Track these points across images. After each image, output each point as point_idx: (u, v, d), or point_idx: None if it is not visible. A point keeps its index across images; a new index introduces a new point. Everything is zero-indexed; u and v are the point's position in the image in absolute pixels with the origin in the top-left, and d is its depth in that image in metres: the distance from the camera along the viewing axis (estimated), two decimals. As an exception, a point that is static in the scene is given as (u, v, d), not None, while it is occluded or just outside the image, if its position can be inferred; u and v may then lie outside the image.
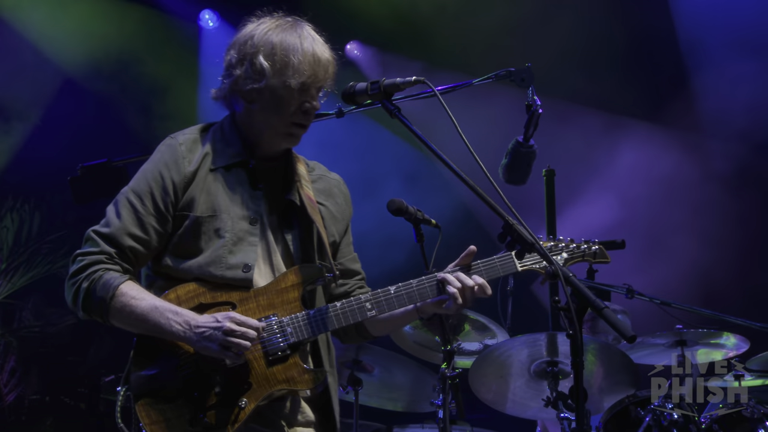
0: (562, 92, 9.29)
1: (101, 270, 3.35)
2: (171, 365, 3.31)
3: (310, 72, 3.41)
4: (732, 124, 9.25)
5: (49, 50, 9.91)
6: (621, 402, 6.02)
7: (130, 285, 3.33)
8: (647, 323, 7.06)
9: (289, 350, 3.35)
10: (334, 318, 3.41)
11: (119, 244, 3.39)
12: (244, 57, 3.50)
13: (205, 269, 3.37)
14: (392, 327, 3.75)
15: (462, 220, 9.45)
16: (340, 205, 3.75)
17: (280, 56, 3.42)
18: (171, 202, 3.42)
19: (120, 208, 3.44)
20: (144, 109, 10.27)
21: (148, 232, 3.40)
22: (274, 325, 3.35)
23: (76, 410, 10.24)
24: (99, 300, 3.31)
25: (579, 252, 3.63)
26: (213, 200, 3.44)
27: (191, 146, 3.52)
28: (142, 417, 3.28)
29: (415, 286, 3.46)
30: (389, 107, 3.39)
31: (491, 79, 4.45)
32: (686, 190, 9.41)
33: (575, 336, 2.95)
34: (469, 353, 6.41)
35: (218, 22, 10.54)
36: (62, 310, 10.36)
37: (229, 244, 3.40)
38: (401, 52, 10.22)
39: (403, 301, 3.45)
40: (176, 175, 3.44)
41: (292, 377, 3.34)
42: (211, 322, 3.24)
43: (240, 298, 3.38)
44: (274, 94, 3.43)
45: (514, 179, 4.41)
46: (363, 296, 3.45)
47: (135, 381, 3.33)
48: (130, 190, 3.47)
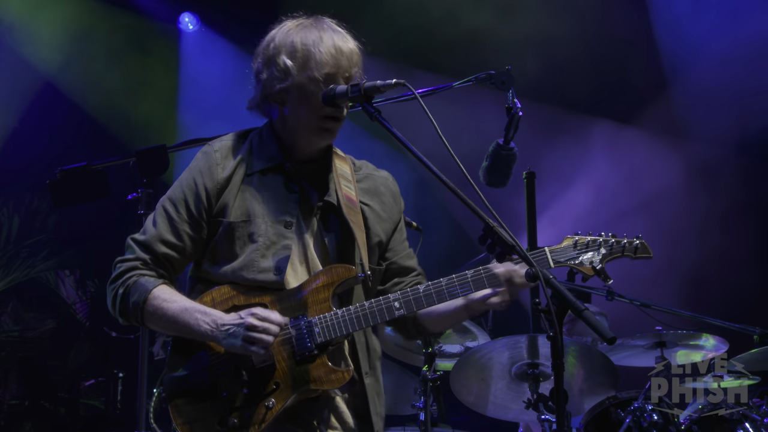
0: (542, 95, 9.32)
1: (135, 275, 3.42)
2: (202, 366, 3.38)
3: (333, 62, 3.42)
4: (711, 125, 9.31)
5: (26, 53, 9.84)
6: (601, 404, 6.05)
7: (162, 289, 3.39)
8: (627, 325, 7.09)
9: (317, 350, 3.36)
10: (363, 318, 3.40)
11: (153, 250, 3.45)
12: (268, 60, 3.51)
13: (238, 273, 3.41)
14: (448, 324, 3.72)
15: (443, 223, 9.47)
16: (386, 204, 3.73)
17: (301, 52, 3.43)
18: (205, 208, 3.46)
19: (156, 216, 3.50)
20: (124, 112, 10.22)
21: (182, 239, 3.46)
22: (302, 326, 3.37)
23: (56, 415, 10.19)
24: (133, 305, 3.39)
25: (619, 247, 3.53)
26: (247, 205, 3.46)
27: (227, 153, 3.54)
28: (174, 417, 3.35)
29: (444, 285, 3.45)
30: (369, 110, 3.39)
31: (471, 81, 4.46)
32: (665, 191, 9.46)
33: (556, 338, 2.95)
34: (450, 356, 6.43)
35: (198, 25, 10.51)
36: (41, 314, 10.32)
37: (262, 248, 3.42)
38: (382, 55, 10.22)
39: (432, 300, 3.43)
40: (209, 181, 3.47)
41: (319, 377, 3.35)
42: (235, 319, 3.28)
43: (272, 299, 3.40)
44: (301, 90, 3.44)
45: (495, 182, 4.42)
46: (392, 295, 3.44)
47: (168, 382, 3.40)
48: (166, 198, 3.53)
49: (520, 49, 9.31)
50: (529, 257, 3.13)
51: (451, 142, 3.19)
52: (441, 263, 8.44)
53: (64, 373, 10.28)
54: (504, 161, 4.37)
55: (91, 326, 10.55)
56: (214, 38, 10.32)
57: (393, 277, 3.71)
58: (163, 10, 10.35)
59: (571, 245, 3.52)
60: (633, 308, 6.64)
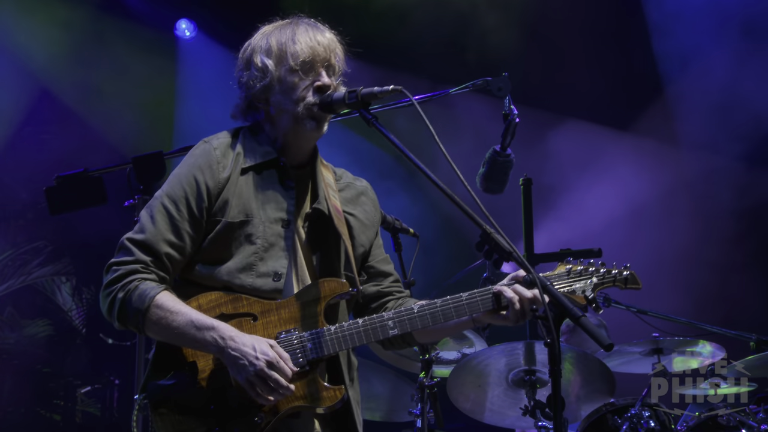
0: (540, 102, 9.35)
1: (137, 280, 3.27)
2: (191, 376, 3.27)
3: (309, 51, 3.42)
4: (706, 134, 9.34)
5: (22, 59, 9.84)
6: (598, 410, 6.05)
7: (166, 296, 3.26)
8: (624, 331, 7.10)
9: (308, 366, 3.30)
10: (356, 336, 3.36)
11: (155, 251, 3.32)
12: (247, 63, 3.53)
13: (235, 275, 3.34)
14: (443, 336, 3.71)
15: (440, 229, 9.47)
16: (368, 212, 3.72)
17: (277, 48, 3.45)
18: (205, 207, 3.37)
19: (155, 214, 3.36)
20: (121, 119, 10.21)
21: (183, 239, 3.35)
22: (294, 340, 3.31)
23: (52, 422, 10.17)
24: (135, 311, 3.24)
25: (610, 277, 3.51)
26: (245, 203, 3.40)
27: (225, 150, 3.47)
28: (158, 426, 3.24)
29: (439, 307, 3.40)
30: (367, 116, 3.38)
31: (468, 88, 4.46)
32: (662, 198, 9.47)
33: (553, 345, 2.95)
34: (447, 362, 6.41)
35: (195, 31, 10.51)
36: (37, 321, 10.29)
37: (261, 250, 3.36)
38: (379, 62, 10.23)
39: (426, 322, 3.39)
40: (210, 180, 3.39)
41: (311, 394, 3.29)
42: (248, 353, 3.17)
43: (262, 309, 3.33)
44: (282, 83, 3.44)
45: (492, 188, 4.42)
46: (386, 314, 3.40)
47: (153, 389, 3.27)
48: (164, 195, 3.40)
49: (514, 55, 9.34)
50: (526, 263, 3.12)
51: (448, 148, 3.19)
52: (437, 270, 8.47)
53: (60, 380, 10.26)
54: (501, 168, 4.37)
55: (88, 333, 10.54)
56: (211, 45, 10.32)
57: (370, 280, 3.68)
58: (160, 17, 10.35)
59: (565, 273, 3.49)
60: (629, 315, 6.65)
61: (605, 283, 3.50)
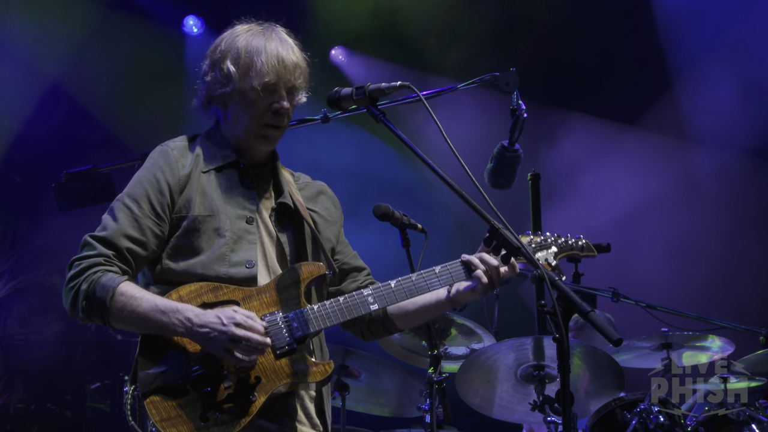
0: (547, 97, 9.33)
1: (100, 271, 3.32)
2: (180, 362, 3.32)
3: (273, 73, 3.46)
4: (717, 129, 9.31)
5: (31, 56, 9.85)
6: (607, 405, 6.04)
7: (129, 285, 3.32)
8: (633, 326, 7.08)
9: (296, 344, 3.36)
10: (339, 312, 3.43)
11: (116, 246, 3.37)
12: (213, 64, 3.59)
13: (209, 267, 3.39)
14: (424, 318, 3.75)
15: (448, 225, 9.46)
16: (329, 209, 3.81)
17: (244, 59, 3.49)
18: (167, 204, 3.44)
19: (116, 213, 3.43)
20: (128, 116, 10.22)
21: (145, 234, 3.40)
22: (279, 321, 3.36)
23: (62, 418, 10.19)
24: (98, 301, 3.29)
25: (567, 245, 3.66)
26: (209, 201, 3.47)
27: (183, 151, 3.55)
28: (152, 414, 3.28)
29: (414, 280, 3.47)
30: (375, 112, 3.40)
31: (476, 83, 4.46)
32: (671, 193, 9.45)
33: (561, 339, 2.95)
34: (456, 358, 6.41)
35: (202, 28, 10.52)
36: (47, 318, 10.31)
37: (230, 242, 3.43)
38: (387, 57, 10.23)
39: (403, 295, 3.46)
40: (171, 177, 3.46)
41: (301, 370, 3.37)
42: (215, 323, 3.24)
43: (243, 296, 3.39)
44: (242, 97, 3.49)
45: (500, 183, 4.42)
46: (365, 290, 3.47)
47: (143, 379, 3.32)
48: (125, 195, 3.47)
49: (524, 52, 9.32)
50: (534, 259, 3.13)
51: (456, 143, 3.19)
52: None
53: (70, 376, 10.28)
54: (509, 163, 4.37)
55: (97, 329, 10.56)
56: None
57: (347, 276, 3.78)
58: (168, 13, 10.36)
59: (527, 244, 3.57)
60: (638, 309, 6.63)
61: (564, 251, 3.66)
